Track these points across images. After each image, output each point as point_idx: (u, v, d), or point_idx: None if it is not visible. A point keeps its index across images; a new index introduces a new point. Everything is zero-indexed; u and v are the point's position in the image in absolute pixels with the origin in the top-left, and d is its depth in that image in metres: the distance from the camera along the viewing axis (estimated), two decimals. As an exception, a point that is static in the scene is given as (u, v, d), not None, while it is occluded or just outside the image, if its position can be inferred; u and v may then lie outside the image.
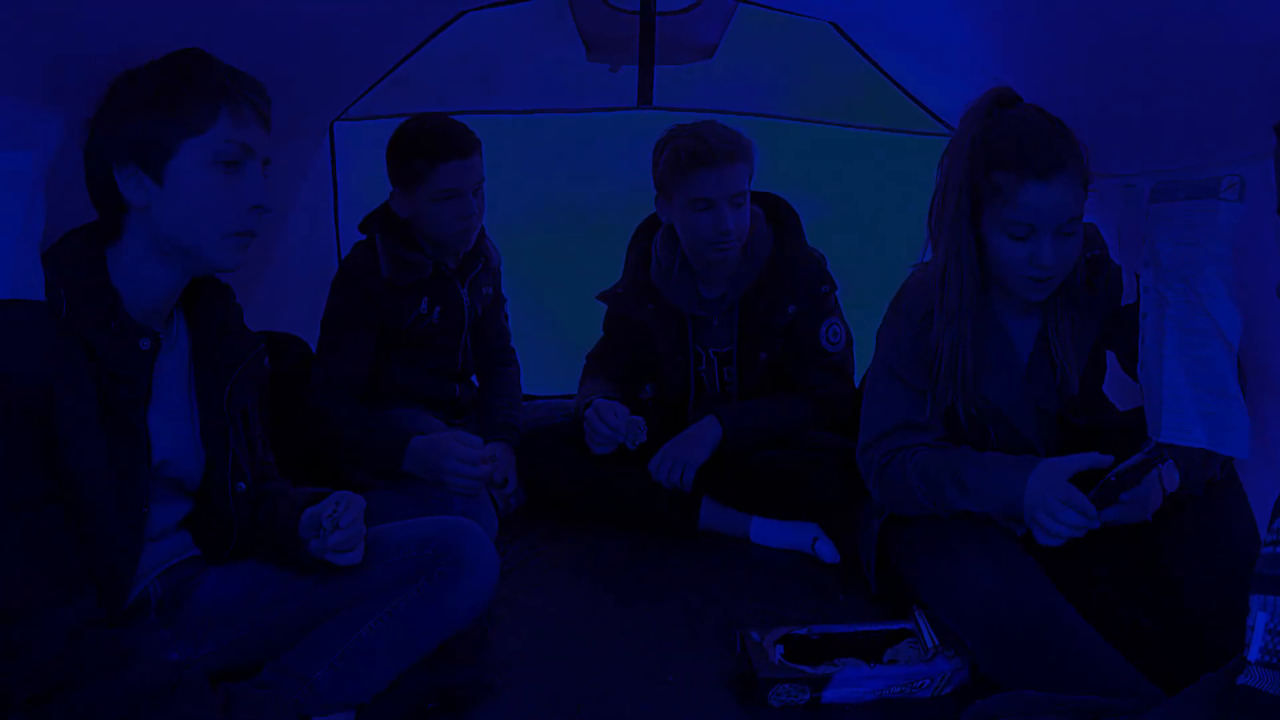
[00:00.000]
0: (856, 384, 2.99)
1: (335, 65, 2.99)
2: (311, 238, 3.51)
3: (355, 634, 1.88)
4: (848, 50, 3.28)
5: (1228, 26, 1.63)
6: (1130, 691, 1.90)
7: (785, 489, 2.79)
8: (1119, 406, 2.51)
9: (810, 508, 2.79)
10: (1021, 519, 2.09)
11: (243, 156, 1.69)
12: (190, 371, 1.87)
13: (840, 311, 3.00)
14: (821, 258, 3.01)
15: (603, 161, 2.97)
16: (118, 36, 1.71)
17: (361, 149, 3.37)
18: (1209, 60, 1.75)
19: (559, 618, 2.40)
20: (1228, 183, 1.84)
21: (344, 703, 1.87)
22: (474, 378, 3.26)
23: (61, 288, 1.58)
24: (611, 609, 2.45)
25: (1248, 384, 1.96)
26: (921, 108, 3.46)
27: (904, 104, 3.47)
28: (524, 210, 3.67)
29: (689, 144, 2.77)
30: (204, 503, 1.93)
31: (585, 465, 2.89)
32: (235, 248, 1.73)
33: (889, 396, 2.29)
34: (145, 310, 1.73)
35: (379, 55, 3.22)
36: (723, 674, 2.15)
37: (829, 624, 2.21)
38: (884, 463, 2.26)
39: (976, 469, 2.13)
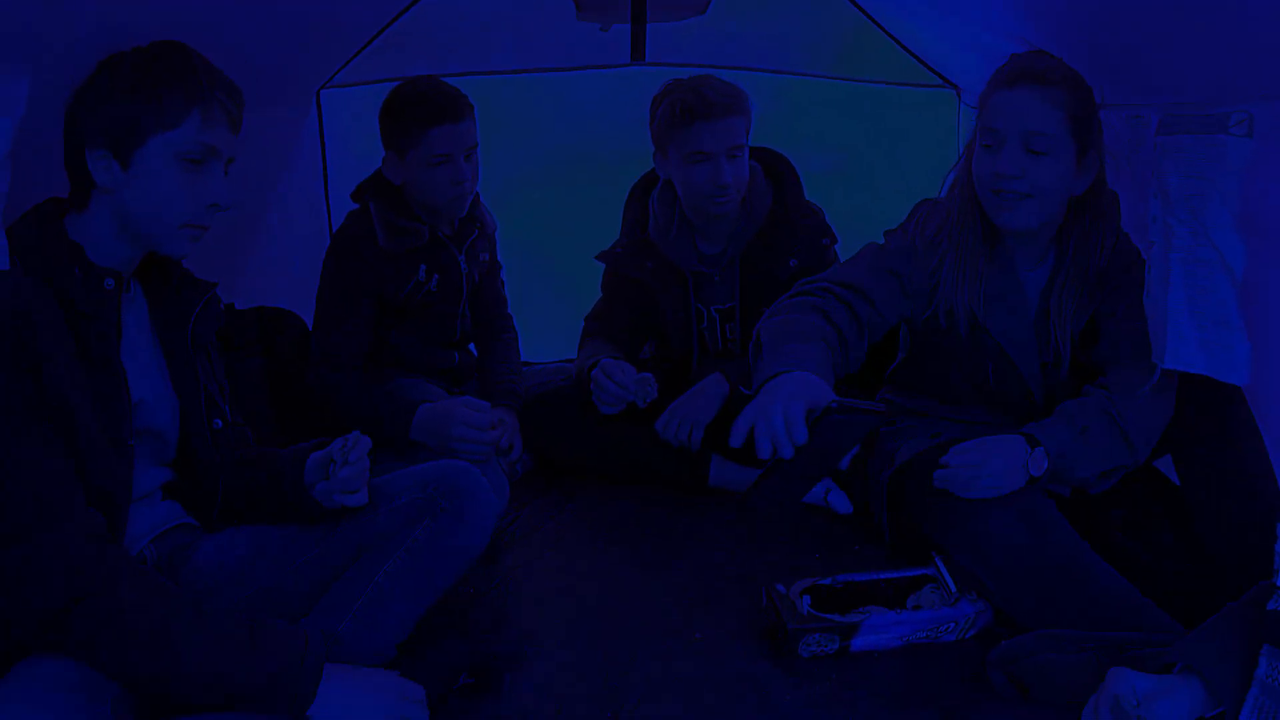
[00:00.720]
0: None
1: (320, 31, 2.93)
2: (301, 209, 3.44)
3: (371, 581, 1.89)
4: (841, 3, 3.24)
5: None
6: (1154, 628, 1.92)
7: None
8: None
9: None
10: (1062, 480, 2.15)
11: (207, 156, 1.75)
12: (150, 326, 1.91)
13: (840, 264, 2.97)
14: (820, 211, 2.99)
15: (597, 120, 2.94)
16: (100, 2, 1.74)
17: (350, 116, 3.33)
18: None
19: (579, 583, 2.38)
20: (1236, 118, 1.85)
21: (372, 654, 1.87)
22: (472, 346, 3.22)
23: (26, 244, 1.63)
24: (630, 571, 2.43)
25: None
26: (917, 60, 3.43)
27: (899, 57, 3.44)
28: (518, 172, 3.63)
29: (685, 97, 2.74)
30: (185, 453, 1.95)
31: (592, 428, 2.87)
32: (188, 238, 1.79)
33: (861, 268, 2.33)
34: (109, 264, 1.77)
35: (365, 19, 3.14)
36: (749, 628, 2.15)
37: (851, 574, 2.19)
38: (798, 291, 2.29)
39: (773, 346, 2.05)
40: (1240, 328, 1.89)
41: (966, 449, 2.12)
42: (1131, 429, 2.13)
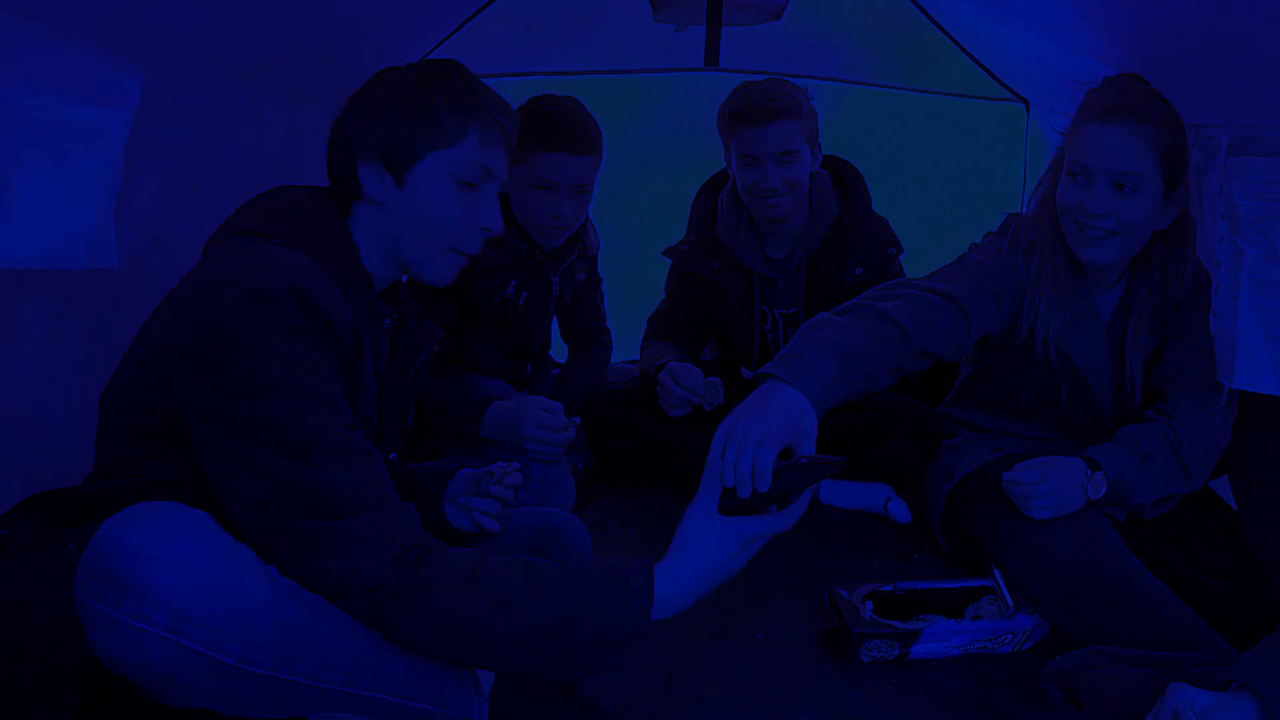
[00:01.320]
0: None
1: (398, 28, 2.98)
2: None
3: None
4: (915, 15, 3.27)
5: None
6: (1207, 649, 1.93)
7: (858, 450, 2.78)
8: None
9: (881, 469, 2.80)
10: (1120, 505, 2.15)
11: (482, 178, 1.73)
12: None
13: (905, 274, 2.98)
14: (886, 222, 3.01)
15: (668, 124, 2.96)
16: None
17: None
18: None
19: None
20: (1306, 140, 1.85)
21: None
22: (550, 352, 3.21)
23: (326, 258, 1.62)
24: (690, 570, 2.45)
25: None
26: (987, 73, 3.44)
27: (969, 69, 3.46)
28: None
29: (737, 100, 2.78)
30: None
31: (654, 428, 2.90)
32: (453, 265, 1.77)
33: (958, 276, 2.21)
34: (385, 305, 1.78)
35: (441, 18, 3.20)
36: (809, 631, 2.18)
37: (911, 581, 2.23)
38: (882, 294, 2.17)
39: (797, 346, 1.95)
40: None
41: (1031, 465, 2.13)
42: (1190, 457, 2.14)
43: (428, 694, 1.54)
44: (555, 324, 3.15)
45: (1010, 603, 2.12)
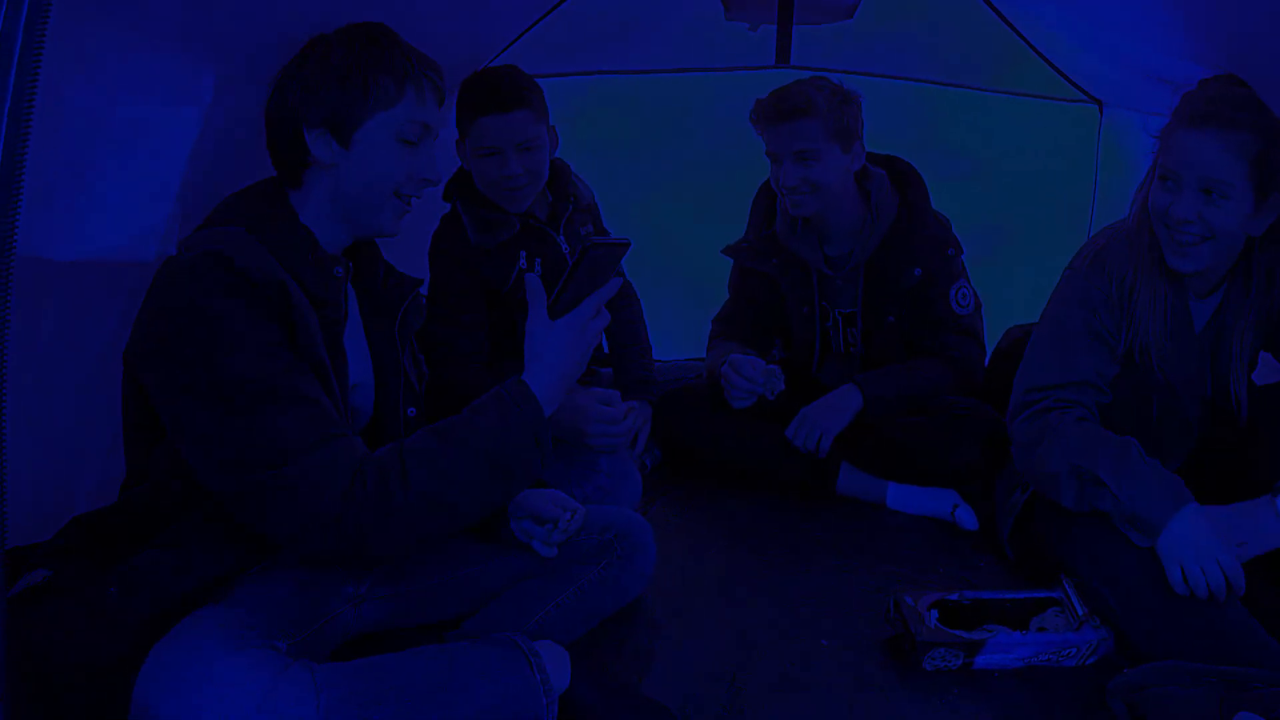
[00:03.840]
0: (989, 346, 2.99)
1: (471, 25, 3.00)
2: (437, 203, 3.53)
3: (541, 612, 2.01)
4: (988, 15, 3.24)
5: None
6: (1277, 667, 1.89)
7: (926, 456, 2.80)
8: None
9: (949, 475, 2.80)
10: (1141, 529, 2.09)
11: (421, 134, 1.82)
12: (358, 314, 1.96)
13: (967, 275, 2.98)
14: (947, 222, 2.99)
15: (740, 122, 2.96)
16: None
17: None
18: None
19: (706, 580, 2.44)
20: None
21: None
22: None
23: (260, 223, 1.73)
24: (757, 572, 2.49)
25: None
26: (1060, 74, 3.40)
27: (1042, 69, 3.42)
28: (660, 171, 3.69)
29: (762, 100, 2.82)
30: (377, 433, 1.99)
31: (724, 427, 2.93)
32: (397, 213, 1.86)
33: (1076, 349, 2.26)
34: (333, 255, 1.85)
35: (515, 15, 3.22)
36: (873, 638, 2.19)
37: (977, 590, 2.23)
38: (1053, 408, 2.24)
39: (1126, 469, 2.10)
40: None
41: None
42: None
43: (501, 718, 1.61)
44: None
45: (1080, 612, 2.10)
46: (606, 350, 3.19)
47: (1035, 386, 2.29)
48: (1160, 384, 2.29)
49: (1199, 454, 2.37)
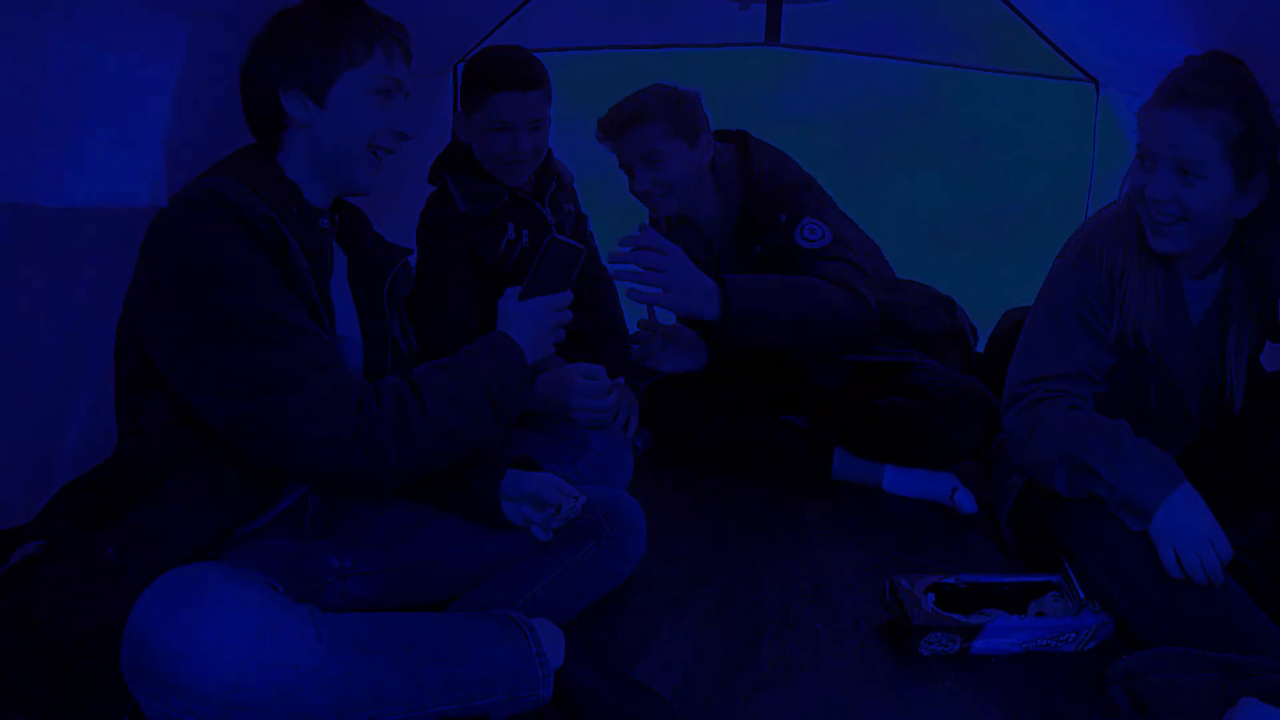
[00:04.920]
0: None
1: (462, 4, 2.98)
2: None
3: (530, 593, 2.01)
4: (981, -10, 3.21)
5: None
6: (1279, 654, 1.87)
7: (922, 439, 2.75)
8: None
9: (949, 454, 2.76)
10: (1135, 513, 2.05)
11: (393, 88, 1.89)
12: (347, 280, 2.00)
13: (822, 211, 2.80)
14: (796, 184, 2.86)
15: (728, 98, 2.92)
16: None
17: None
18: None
19: (700, 563, 2.42)
20: None
21: None
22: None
23: (253, 180, 1.76)
24: (752, 555, 2.46)
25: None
26: (1057, 51, 3.37)
27: (1037, 47, 3.38)
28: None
29: (601, 119, 2.87)
30: None
31: (717, 412, 2.89)
32: (372, 168, 1.91)
33: (1068, 340, 2.23)
34: (319, 207, 1.91)
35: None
36: (870, 622, 2.17)
37: (974, 574, 2.19)
38: (1044, 398, 2.21)
39: (1116, 454, 2.07)
40: None
41: None
42: None
43: (497, 688, 1.64)
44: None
45: (1081, 596, 2.08)
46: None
47: (1027, 379, 2.26)
48: (1157, 371, 2.26)
49: (1203, 443, 2.35)
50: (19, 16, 1.66)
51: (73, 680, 1.48)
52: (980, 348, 3.14)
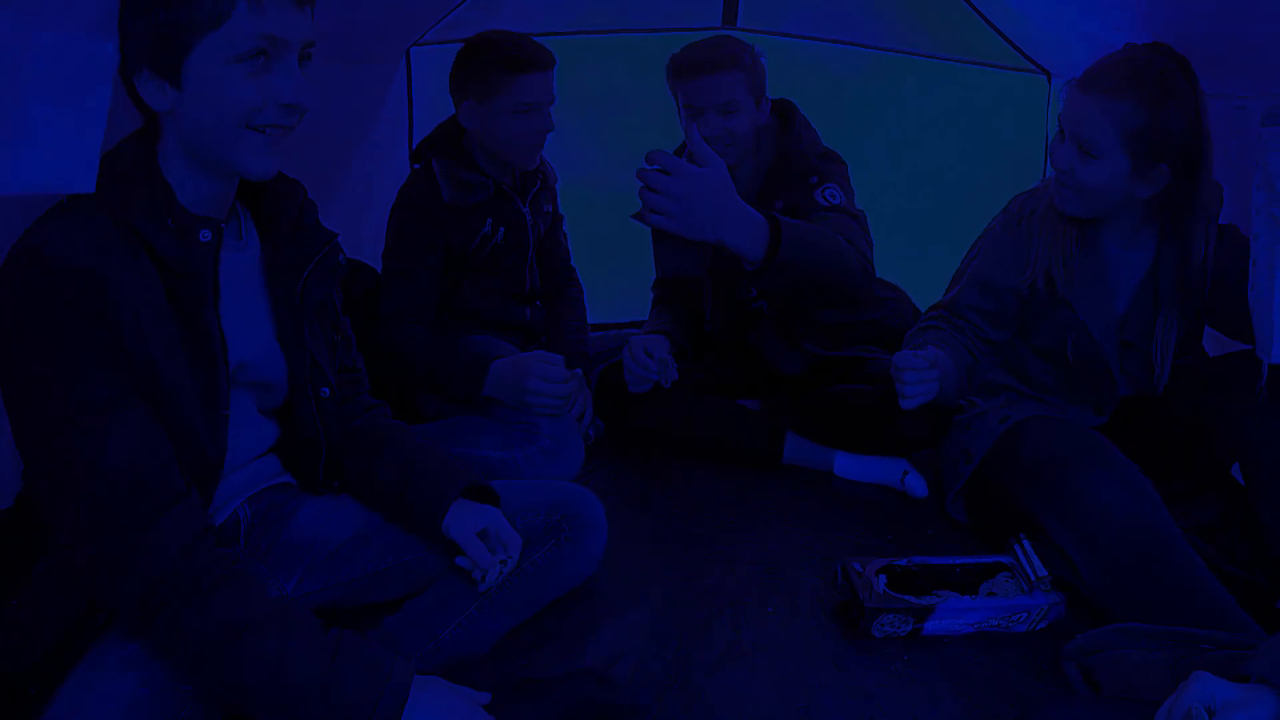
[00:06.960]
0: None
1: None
2: (386, 166, 3.47)
3: (484, 595, 1.90)
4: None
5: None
6: (1235, 628, 1.90)
7: (874, 424, 2.74)
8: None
9: (898, 445, 2.75)
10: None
11: (270, 49, 1.46)
12: (263, 277, 1.75)
13: (849, 186, 2.84)
14: (829, 153, 2.90)
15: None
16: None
17: (438, 73, 3.32)
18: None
19: (653, 549, 2.40)
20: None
21: (468, 654, 1.89)
22: (539, 302, 3.18)
23: (114, 183, 1.47)
24: (703, 541, 2.44)
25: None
26: (1009, 43, 3.38)
27: (991, 38, 3.39)
28: (600, 132, 3.64)
29: (681, 54, 2.83)
30: (289, 415, 1.84)
31: (667, 399, 2.86)
32: (258, 148, 1.52)
33: (974, 280, 2.44)
34: (203, 207, 1.58)
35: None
36: (821, 604, 2.16)
37: (926, 556, 2.19)
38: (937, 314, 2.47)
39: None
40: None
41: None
42: None
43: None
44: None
45: (1034, 576, 2.08)
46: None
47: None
48: (1072, 322, 2.34)
49: (1137, 418, 2.42)
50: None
51: None
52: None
